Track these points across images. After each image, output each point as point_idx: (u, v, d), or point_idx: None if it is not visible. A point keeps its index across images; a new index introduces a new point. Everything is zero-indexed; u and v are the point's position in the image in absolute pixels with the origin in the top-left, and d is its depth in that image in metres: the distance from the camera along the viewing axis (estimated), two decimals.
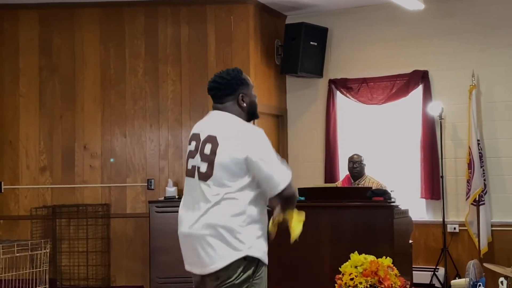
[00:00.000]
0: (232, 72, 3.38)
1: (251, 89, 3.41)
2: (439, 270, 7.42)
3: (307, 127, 8.33)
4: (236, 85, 3.35)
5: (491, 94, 7.53)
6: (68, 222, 7.58)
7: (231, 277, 3.18)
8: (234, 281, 3.19)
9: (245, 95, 3.36)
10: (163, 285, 6.96)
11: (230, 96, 3.34)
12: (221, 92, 3.35)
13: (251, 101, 3.39)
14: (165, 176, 7.59)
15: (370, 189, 6.34)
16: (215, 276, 3.22)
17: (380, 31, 8.08)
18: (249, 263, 3.19)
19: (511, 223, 7.16)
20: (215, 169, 3.20)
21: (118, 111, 7.77)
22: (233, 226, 3.16)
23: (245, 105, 3.35)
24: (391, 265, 5.45)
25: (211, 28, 7.66)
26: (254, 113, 3.42)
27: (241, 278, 3.19)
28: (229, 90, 3.34)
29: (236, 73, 3.38)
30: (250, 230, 3.20)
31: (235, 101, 3.34)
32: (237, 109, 3.34)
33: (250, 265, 3.20)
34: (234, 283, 3.19)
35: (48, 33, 7.92)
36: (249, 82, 3.41)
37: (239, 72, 3.40)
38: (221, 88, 3.35)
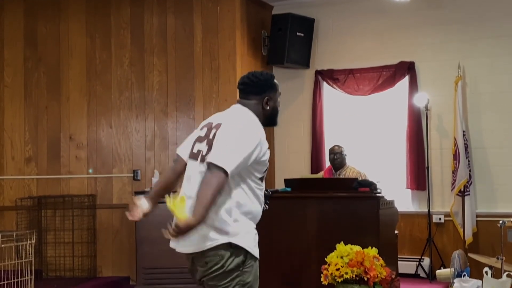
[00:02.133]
0: (265, 74, 3.51)
1: (278, 95, 3.54)
2: (424, 260, 7.46)
3: (293, 118, 8.33)
4: (265, 87, 3.47)
5: (476, 85, 7.56)
6: (54, 213, 7.55)
7: (219, 263, 3.21)
8: (224, 269, 3.22)
9: (270, 99, 3.48)
10: (149, 275, 6.95)
11: (256, 96, 3.45)
12: (250, 89, 3.46)
13: (274, 107, 3.52)
14: (151, 167, 7.58)
15: (356, 180, 6.36)
16: (203, 262, 3.25)
17: (366, 22, 8.08)
18: (237, 251, 3.21)
19: (496, 213, 7.19)
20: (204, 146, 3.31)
21: (104, 101, 7.74)
22: (222, 211, 3.20)
23: (268, 108, 3.47)
24: (376, 255, 5.48)
25: (197, 18, 7.63)
26: (274, 119, 3.55)
27: (230, 266, 3.22)
28: (257, 89, 3.46)
29: (269, 77, 3.52)
30: (239, 219, 3.24)
31: (260, 102, 3.45)
32: (259, 109, 3.45)
33: (239, 253, 3.22)
34: (224, 270, 3.22)
35: (33, 23, 7.87)
36: (277, 89, 3.54)
37: (272, 76, 3.54)
38: (251, 85, 3.46)
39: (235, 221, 3.22)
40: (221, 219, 3.20)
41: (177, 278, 6.85)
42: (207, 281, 3.29)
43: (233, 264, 3.22)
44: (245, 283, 3.26)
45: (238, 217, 3.23)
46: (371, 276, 5.31)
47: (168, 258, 6.82)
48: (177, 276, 6.85)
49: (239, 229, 3.23)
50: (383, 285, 5.45)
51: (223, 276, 3.23)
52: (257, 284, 3.35)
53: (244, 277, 3.26)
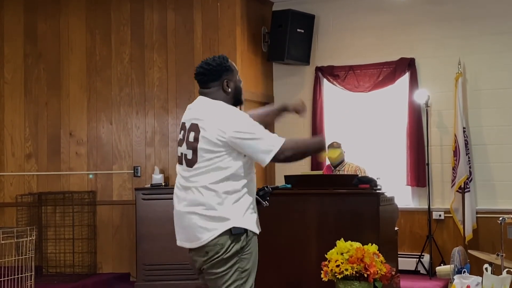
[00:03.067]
0: (217, 59, 3.50)
1: (236, 74, 3.53)
2: (424, 257, 7.47)
3: (293, 115, 8.30)
4: (221, 71, 3.47)
5: (477, 82, 7.56)
6: (54, 209, 7.56)
7: (219, 252, 3.26)
8: (223, 256, 3.27)
9: (229, 80, 3.48)
10: (150, 272, 6.96)
11: (215, 82, 3.47)
12: (207, 77, 3.47)
13: (236, 86, 3.51)
14: (152, 164, 7.57)
15: (356, 176, 6.36)
16: (204, 252, 3.30)
17: (367, 19, 8.07)
18: (236, 236, 3.27)
19: (496, 210, 7.20)
20: (198, 155, 3.34)
21: (104, 97, 7.73)
22: (215, 203, 3.28)
23: (230, 90, 3.47)
24: (376, 252, 5.48)
25: (197, 14, 7.62)
26: (239, 98, 3.54)
27: (230, 252, 3.27)
28: (214, 76, 3.46)
29: (222, 60, 3.50)
30: (234, 204, 3.30)
31: (220, 87, 3.46)
32: (222, 94, 3.46)
33: (238, 238, 3.28)
34: (222, 257, 3.27)
35: (33, 19, 7.86)
36: (233, 68, 3.53)
37: (225, 58, 3.52)
38: (207, 74, 3.47)
39: (234, 205, 3.29)
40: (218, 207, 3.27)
41: (177, 274, 6.86)
42: (207, 269, 3.33)
43: (232, 251, 3.27)
44: (244, 270, 3.31)
45: (237, 201, 3.30)
46: (371, 273, 5.31)
47: (168, 255, 6.87)
48: (177, 273, 6.86)
49: (239, 213, 3.30)
50: (383, 281, 5.45)
51: (222, 263, 3.28)
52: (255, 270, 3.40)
53: (243, 263, 3.31)
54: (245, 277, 3.32)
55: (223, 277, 3.29)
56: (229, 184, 3.30)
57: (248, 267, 3.33)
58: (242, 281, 3.31)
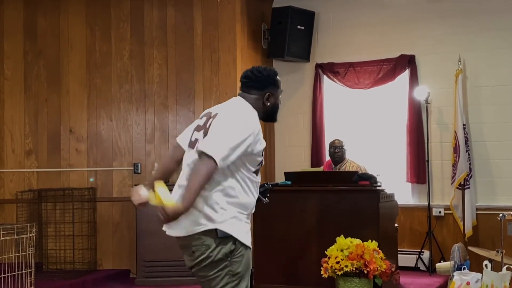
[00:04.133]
0: (269, 71, 3.51)
1: (279, 92, 3.53)
2: (424, 254, 7.47)
3: (293, 112, 8.32)
4: (267, 83, 3.46)
5: (477, 78, 7.56)
6: (54, 206, 7.55)
7: (205, 253, 3.22)
8: (212, 259, 3.23)
9: (271, 95, 3.47)
10: (150, 268, 6.96)
11: (258, 91, 3.45)
12: (252, 83, 3.46)
13: (275, 104, 3.51)
14: (152, 160, 7.57)
15: (356, 173, 6.36)
16: (191, 251, 3.27)
17: (367, 16, 8.07)
18: (224, 240, 3.22)
19: (496, 207, 7.20)
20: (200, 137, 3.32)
21: (104, 94, 7.73)
22: (209, 196, 3.22)
23: (268, 104, 3.46)
24: (376, 248, 5.49)
25: (197, 11, 7.61)
26: (273, 115, 3.54)
27: (218, 255, 3.22)
28: (259, 84, 3.45)
29: (272, 73, 3.51)
30: (227, 208, 3.24)
31: (261, 97, 3.45)
32: (259, 104, 3.44)
33: (226, 242, 3.23)
34: (212, 260, 3.23)
35: (33, 16, 7.85)
36: (279, 86, 3.53)
37: (275, 73, 3.54)
38: (254, 80, 3.46)
39: (223, 209, 3.23)
40: (210, 206, 3.22)
41: (177, 271, 6.86)
42: (197, 272, 3.31)
43: (221, 254, 3.23)
44: (235, 273, 3.27)
45: (226, 206, 3.24)
46: (371, 269, 5.32)
47: (168, 251, 6.86)
48: (177, 269, 6.85)
49: (226, 217, 3.23)
50: (383, 278, 5.46)
51: (211, 267, 3.25)
52: (248, 274, 3.35)
53: (234, 267, 3.27)
54: (237, 280, 3.27)
55: (214, 280, 3.26)
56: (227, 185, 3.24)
57: (240, 270, 3.28)
58: (234, 283, 3.26)
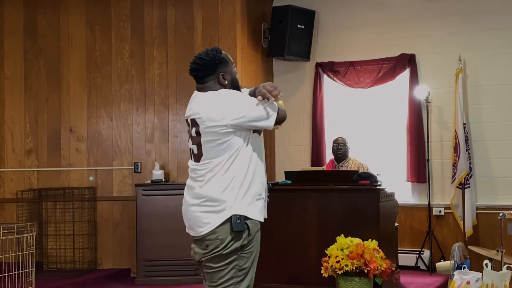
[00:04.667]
0: (210, 52, 3.43)
1: (231, 66, 3.48)
2: (424, 253, 7.47)
3: (294, 111, 8.31)
4: (215, 65, 3.41)
5: (477, 77, 7.55)
6: (54, 205, 7.56)
7: (219, 247, 3.26)
8: (222, 251, 3.26)
9: (225, 73, 3.43)
10: (150, 267, 6.96)
11: (210, 76, 3.42)
12: (202, 73, 3.42)
13: (232, 78, 3.47)
14: (152, 160, 7.57)
15: (356, 172, 6.36)
16: (205, 245, 3.30)
17: (367, 15, 8.07)
18: (237, 234, 3.25)
19: (496, 206, 7.21)
20: (203, 149, 3.34)
21: (104, 93, 7.73)
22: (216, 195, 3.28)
23: (226, 83, 3.43)
24: (377, 247, 5.49)
25: (197, 10, 7.61)
26: (236, 89, 3.49)
27: (229, 249, 3.26)
28: (209, 71, 3.41)
29: (215, 53, 3.43)
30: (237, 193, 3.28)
31: (216, 80, 3.42)
32: (219, 88, 3.42)
33: (239, 236, 3.26)
34: (221, 253, 3.26)
35: (33, 15, 7.86)
36: (228, 59, 3.47)
37: (218, 51, 3.45)
38: (201, 69, 3.41)
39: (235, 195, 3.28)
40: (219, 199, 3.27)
41: (177, 270, 6.87)
42: (205, 261, 3.33)
43: (232, 248, 3.26)
44: (242, 269, 3.29)
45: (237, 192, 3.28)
46: (371, 269, 5.32)
47: (169, 250, 6.88)
48: (178, 268, 6.86)
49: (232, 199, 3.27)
50: (383, 277, 5.46)
51: (220, 259, 3.28)
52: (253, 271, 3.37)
53: (241, 262, 3.29)
54: (242, 275, 3.30)
55: (220, 272, 3.29)
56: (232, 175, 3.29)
57: (246, 266, 3.31)
58: (239, 279, 3.29)
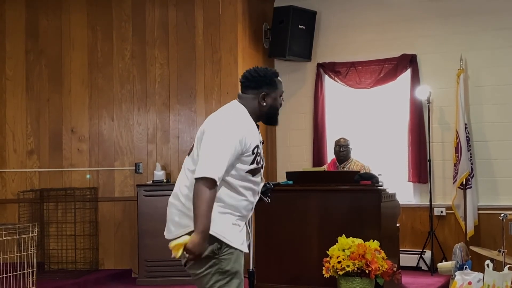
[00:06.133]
0: (267, 71, 3.45)
1: (278, 93, 3.45)
2: (426, 253, 7.47)
3: (295, 111, 8.32)
4: (263, 83, 3.41)
5: (478, 78, 7.55)
6: (56, 205, 7.56)
7: None
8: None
9: (267, 95, 3.40)
10: (151, 268, 6.97)
11: (253, 90, 3.41)
12: (248, 83, 3.42)
13: (272, 105, 3.43)
14: (153, 160, 7.58)
15: (358, 173, 6.36)
16: None
17: (368, 15, 8.06)
18: (210, 238, 3.19)
19: (498, 206, 7.20)
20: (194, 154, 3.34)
21: (105, 94, 7.74)
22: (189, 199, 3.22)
23: (264, 105, 3.40)
24: (378, 248, 5.49)
25: (198, 11, 7.62)
26: (272, 117, 3.47)
27: (205, 253, 3.21)
28: (255, 84, 3.40)
29: (270, 74, 3.45)
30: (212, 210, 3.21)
31: (256, 97, 3.40)
32: (255, 105, 3.40)
33: (212, 240, 3.21)
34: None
35: (34, 15, 7.86)
36: (278, 86, 3.45)
37: (274, 74, 3.47)
38: (250, 80, 3.42)
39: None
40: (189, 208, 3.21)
41: (178, 270, 6.84)
42: (188, 270, 3.34)
43: (207, 251, 3.22)
44: (224, 271, 3.26)
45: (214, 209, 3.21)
46: (373, 269, 5.32)
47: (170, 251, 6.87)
48: (179, 269, 6.80)
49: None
50: (384, 277, 5.46)
51: (200, 264, 3.27)
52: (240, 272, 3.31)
53: (223, 264, 3.26)
54: (228, 277, 3.26)
55: (204, 277, 3.27)
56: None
57: (229, 268, 3.26)
58: (225, 281, 3.26)
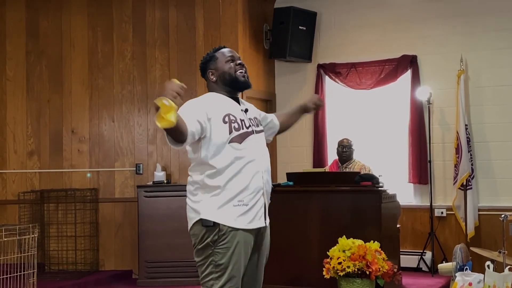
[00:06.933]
0: (208, 53, 3.58)
1: (222, 61, 3.48)
2: (426, 254, 7.47)
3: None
4: (204, 64, 3.54)
5: (479, 78, 7.55)
6: (56, 206, 7.56)
7: (195, 242, 3.33)
8: (198, 246, 3.32)
9: (213, 69, 3.50)
10: (152, 269, 6.97)
11: (206, 75, 3.55)
12: (201, 74, 3.60)
13: (220, 74, 3.48)
14: (154, 161, 7.58)
15: (358, 173, 6.36)
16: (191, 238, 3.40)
17: (369, 16, 8.06)
18: (210, 229, 3.27)
19: (498, 207, 7.19)
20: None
21: (106, 95, 7.74)
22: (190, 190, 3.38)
23: (214, 80, 3.50)
24: (378, 249, 5.49)
25: (199, 11, 7.62)
26: (230, 83, 3.49)
27: (203, 244, 3.30)
28: (202, 71, 3.56)
29: (209, 52, 3.56)
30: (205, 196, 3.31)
31: (208, 78, 3.53)
32: (212, 85, 3.54)
33: (211, 232, 3.27)
34: (198, 247, 3.32)
35: (35, 16, 7.86)
36: (219, 56, 3.50)
37: (213, 50, 3.56)
38: (200, 70, 3.59)
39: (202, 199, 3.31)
40: (193, 200, 3.36)
41: (179, 271, 6.87)
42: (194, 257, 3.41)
43: (204, 243, 3.29)
44: (217, 264, 3.27)
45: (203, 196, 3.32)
46: (373, 270, 5.32)
47: (171, 252, 6.88)
48: (180, 270, 6.86)
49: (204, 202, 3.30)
50: (385, 278, 5.46)
51: (198, 254, 3.34)
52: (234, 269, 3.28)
53: (217, 257, 3.28)
54: (220, 271, 3.27)
55: (201, 267, 3.33)
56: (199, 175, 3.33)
57: (223, 262, 3.26)
58: (218, 274, 3.27)
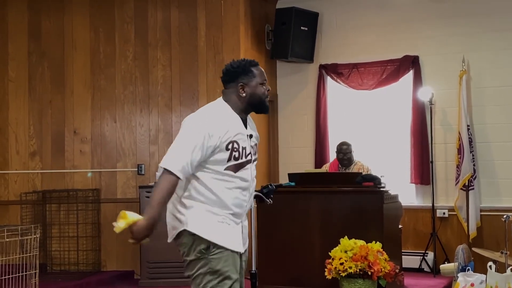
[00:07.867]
0: (241, 61, 3.42)
1: (257, 81, 3.39)
2: (428, 255, 7.46)
3: (297, 112, 8.32)
4: (238, 73, 3.38)
5: (481, 79, 7.54)
6: (58, 207, 7.56)
7: (185, 252, 3.30)
8: (190, 258, 3.29)
9: (245, 85, 3.37)
10: (154, 270, 6.97)
11: (232, 83, 3.40)
12: (225, 77, 3.43)
13: (252, 93, 3.38)
14: (156, 162, 7.58)
15: (360, 174, 6.36)
16: (178, 250, 3.36)
17: (370, 16, 8.06)
18: (198, 239, 3.25)
19: (500, 208, 7.19)
20: None
21: (108, 95, 7.74)
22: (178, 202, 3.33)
23: (244, 95, 3.37)
24: (380, 249, 5.49)
25: (201, 12, 7.62)
26: (257, 106, 3.42)
27: (194, 254, 3.27)
28: (230, 77, 3.40)
29: (245, 63, 3.40)
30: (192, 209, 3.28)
31: (235, 89, 3.38)
32: (235, 98, 3.39)
33: (200, 241, 3.25)
34: (190, 259, 3.29)
35: (37, 17, 7.87)
36: (256, 74, 3.39)
37: (250, 63, 3.42)
38: (225, 74, 3.42)
39: (188, 210, 3.28)
40: (176, 209, 3.32)
41: (181, 272, 6.79)
42: (185, 272, 3.37)
43: (196, 252, 3.26)
44: (215, 271, 3.25)
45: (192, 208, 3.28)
46: (375, 271, 5.32)
47: (172, 252, 6.81)
48: (181, 270, 6.81)
49: (192, 218, 3.27)
50: (387, 279, 5.46)
51: (191, 266, 3.30)
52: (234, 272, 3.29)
53: (213, 264, 3.25)
54: (219, 277, 3.24)
55: (196, 279, 3.28)
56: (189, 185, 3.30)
57: (219, 268, 3.24)
58: (217, 281, 3.24)
